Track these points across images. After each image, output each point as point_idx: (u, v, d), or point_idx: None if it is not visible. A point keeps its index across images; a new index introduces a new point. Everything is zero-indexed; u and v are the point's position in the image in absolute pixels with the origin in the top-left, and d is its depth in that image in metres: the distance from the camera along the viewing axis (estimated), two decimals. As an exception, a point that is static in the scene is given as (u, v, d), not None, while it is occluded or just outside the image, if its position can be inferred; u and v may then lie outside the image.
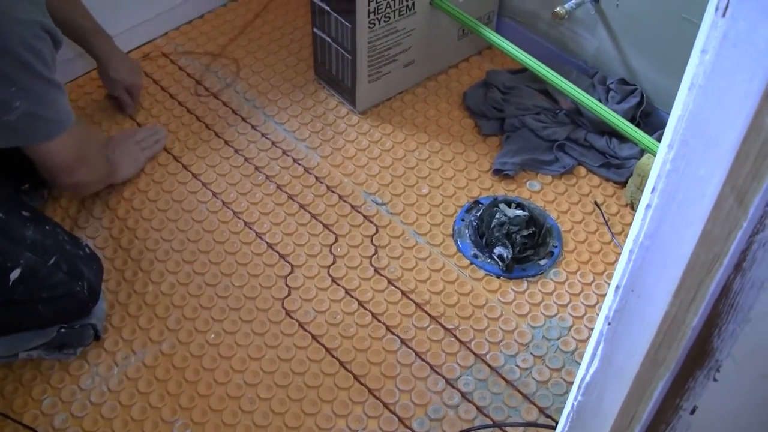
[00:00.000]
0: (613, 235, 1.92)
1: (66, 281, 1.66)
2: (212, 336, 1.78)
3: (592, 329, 1.77)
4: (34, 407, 1.69)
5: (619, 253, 1.86)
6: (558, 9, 2.07)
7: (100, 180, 1.95)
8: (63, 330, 1.71)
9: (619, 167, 2.03)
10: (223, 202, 2.02)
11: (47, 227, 1.71)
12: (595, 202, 1.98)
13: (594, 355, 0.83)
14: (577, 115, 2.11)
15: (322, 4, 2.09)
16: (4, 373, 1.74)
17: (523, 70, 2.22)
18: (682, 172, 0.64)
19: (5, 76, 1.51)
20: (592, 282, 1.85)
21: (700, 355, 0.70)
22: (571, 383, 1.67)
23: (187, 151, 2.14)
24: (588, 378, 0.85)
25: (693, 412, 0.75)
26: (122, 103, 2.20)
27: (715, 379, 0.71)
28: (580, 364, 1.69)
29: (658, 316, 0.71)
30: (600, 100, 1.99)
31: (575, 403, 0.90)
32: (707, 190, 0.62)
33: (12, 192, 1.77)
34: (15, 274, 1.61)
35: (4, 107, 1.54)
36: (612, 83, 2.11)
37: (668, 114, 2.00)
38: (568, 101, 2.11)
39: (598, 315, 1.76)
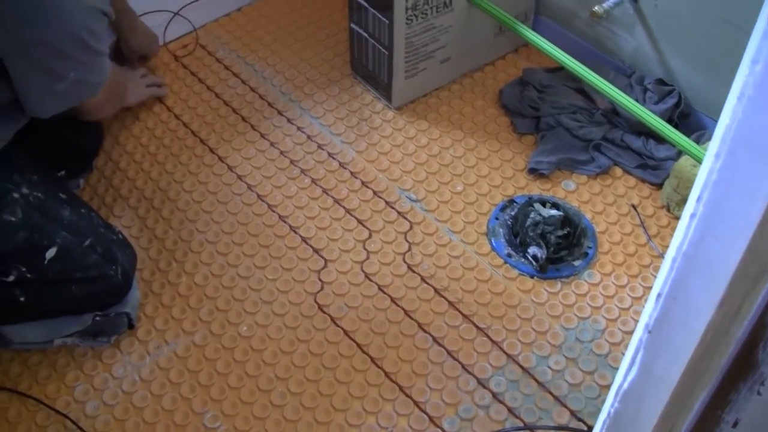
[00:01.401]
0: (649, 238, 1.91)
1: (100, 263, 1.69)
2: (244, 329, 1.79)
3: (626, 333, 1.76)
4: (66, 393, 1.70)
5: (655, 256, 1.86)
6: (596, 8, 2.06)
7: (118, 107, 2.10)
8: (98, 318, 1.73)
9: (656, 168, 2.01)
10: (258, 195, 2.02)
11: (83, 210, 1.75)
12: (631, 204, 1.97)
13: (633, 362, 0.82)
14: (614, 114, 2.10)
15: (361, 0, 2.09)
16: (39, 358, 1.75)
17: (560, 69, 2.21)
18: (729, 182, 0.63)
19: (64, 54, 1.57)
20: (627, 284, 1.84)
21: (744, 367, 0.69)
22: (604, 387, 1.67)
23: (222, 143, 2.14)
24: (626, 385, 0.84)
25: (735, 425, 0.75)
26: (131, 66, 2.28)
27: (759, 393, 0.71)
28: (613, 367, 1.69)
29: (701, 326, 0.71)
30: (637, 100, 1.97)
31: (612, 410, 0.89)
32: (755, 203, 0.61)
33: (51, 174, 1.82)
34: (51, 253, 1.64)
35: (58, 78, 1.60)
36: (649, 83, 2.10)
37: (707, 116, 2.00)
38: (604, 101, 2.10)
39: (632, 318, 1.76)
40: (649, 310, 0.77)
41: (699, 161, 1.78)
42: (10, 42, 1.50)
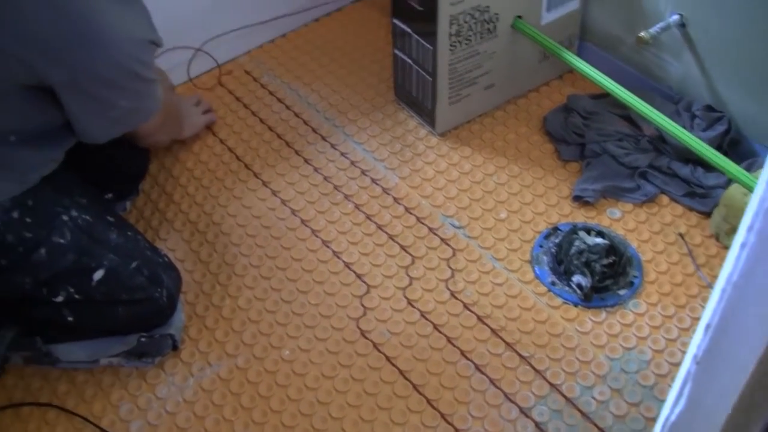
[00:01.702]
0: (697, 267, 1.88)
1: (146, 285, 1.71)
2: (287, 353, 1.79)
3: (673, 364, 1.73)
4: (112, 412, 1.72)
5: (703, 286, 1.83)
6: (642, 34, 2.04)
7: (173, 137, 2.17)
8: (143, 339, 1.75)
9: (704, 197, 1.99)
10: (302, 220, 2.03)
11: (129, 233, 1.78)
12: (679, 233, 1.95)
13: (680, 394, 0.81)
14: (661, 142, 2.08)
15: (404, 26, 2.09)
16: (86, 377, 1.77)
17: (605, 96, 2.19)
18: (781, 212, 0.62)
19: (116, 84, 1.59)
20: (674, 315, 1.81)
21: (797, 401, 0.68)
22: (650, 419, 1.65)
23: (266, 168, 2.15)
24: (673, 417, 0.83)
25: (787, 460, 0.73)
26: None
27: (812, 427, 0.69)
28: (659, 399, 1.67)
29: (752, 357, 0.69)
30: (685, 127, 1.95)
31: (659, 443, 0.88)
32: (809, 232, 0.60)
33: (99, 197, 1.85)
34: (98, 275, 1.67)
35: (110, 106, 1.62)
36: (698, 110, 2.08)
37: (758, 143, 1.98)
38: (651, 128, 2.09)
39: (679, 350, 1.74)
40: (697, 341, 0.76)
41: (750, 189, 1.75)
42: (61, 73, 1.51)
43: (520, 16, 2.10)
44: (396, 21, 2.12)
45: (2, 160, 1.60)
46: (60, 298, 1.66)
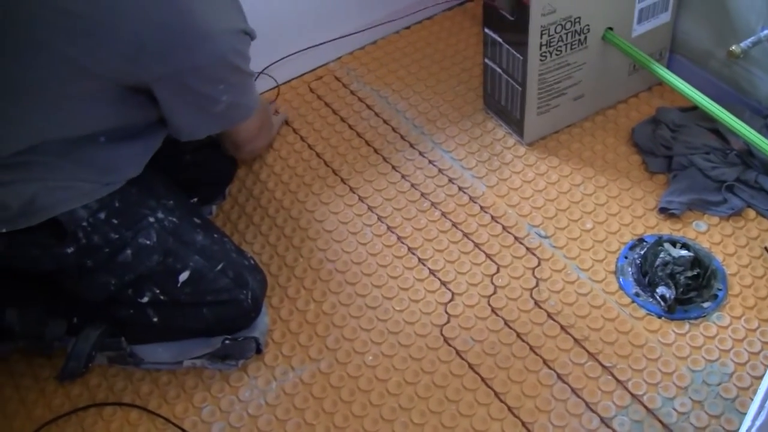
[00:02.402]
0: (781, 282, 1.88)
1: (231, 287, 1.74)
2: (370, 358, 1.81)
3: (755, 378, 1.72)
4: (194, 414, 1.75)
5: (788, 302, 1.82)
6: (733, 47, 2.03)
7: (268, 143, 2.22)
8: (227, 341, 1.77)
9: (791, 211, 1.98)
10: (388, 227, 2.05)
11: (216, 235, 1.79)
12: (765, 247, 1.94)
13: (762, 406, 0.81)
14: (749, 156, 2.06)
15: (495, 36, 2.11)
16: (169, 378, 1.81)
17: (694, 108, 2.18)
18: None
19: (216, 78, 1.59)
20: (757, 328, 1.80)
21: None
22: (731, 432, 1.64)
23: (354, 174, 2.18)
24: (754, 430, 0.84)
25: None
26: None
27: None
28: (740, 412, 1.66)
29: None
30: (774, 142, 1.95)
31: (738, 455, 0.88)
32: None
33: (185, 199, 1.86)
34: (184, 276, 1.70)
35: (213, 102, 1.62)
36: (787, 125, 2.07)
37: None
38: (739, 142, 2.07)
39: (762, 363, 1.73)
40: (779, 356, 0.77)
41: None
42: (160, 69, 1.52)
43: (611, 28, 2.10)
44: (487, 30, 2.14)
45: (90, 161, 1.62)
46: (145, 299, 1.70)
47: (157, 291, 1.70)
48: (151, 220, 1.69)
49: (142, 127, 1.68)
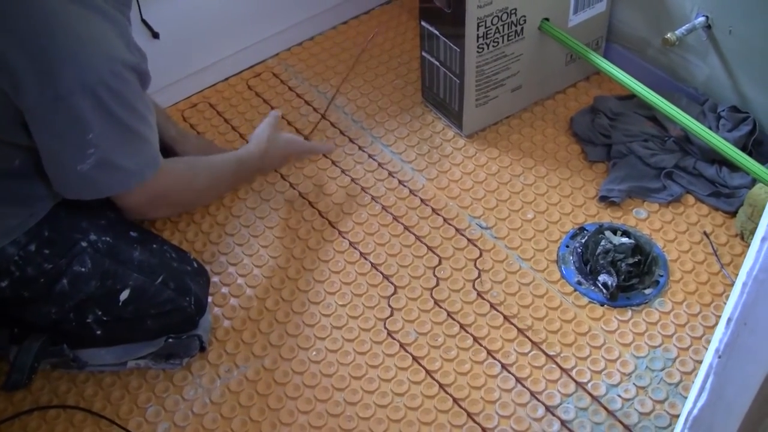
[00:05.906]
0: (722, 266, 1.89)
1: (173, 297, 1.70)
2: (314, 353, 1.80)
3: (698, 362, 1.74)
4: (138, 414, 1.73)
5: (728, 285, 1.84)
6: (668, 35, 2.05)
7: (186, 209, 2.05)
8: (171, 340, 1.75)
9: (729, 196, 1.99)
10: (329, 222, 2.04)
11: (154, 246, 1.74)
12: (704, 232, 1.95)
13: (702, 388, 0.81)
14: (686, 142, 2.08)
15: (432, 29, 2.11)
16: (113, 380, 1.78)
17: (631, 97, 2.20)
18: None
19: (81, 118, 1.43)
20: (699, 313, 1.82)
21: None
22: (675, 416, 1.66)
23: (294, 170, 2.16)
24: (696, 412, 0.84)
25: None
26: None
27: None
28: (684, 396, 1.67)
29: (772, 351, 0.70)
30: (710, 128, 1.96)
31: (682, 436, 0.89)
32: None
33: (118, 215, 1.73)
34: (124, 295, 1.66)
35: (78, 156, 1.47)
36: (723, 111, 2.08)
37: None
38: (677, 128, 2.09)
39: (704, 347, 1.74)
40: (719, 335, 0.77)
41: (774, 189, 1.76)
42: (27, 97, 1.40)
43: (547, 19, 2.11)
44: (424, 23, 2.13)
45: (10, 195, 1.56)
46: (89, 320, 1.66)
47: (100, 313, 1.66)
48: (84, 244, 1.63)
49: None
